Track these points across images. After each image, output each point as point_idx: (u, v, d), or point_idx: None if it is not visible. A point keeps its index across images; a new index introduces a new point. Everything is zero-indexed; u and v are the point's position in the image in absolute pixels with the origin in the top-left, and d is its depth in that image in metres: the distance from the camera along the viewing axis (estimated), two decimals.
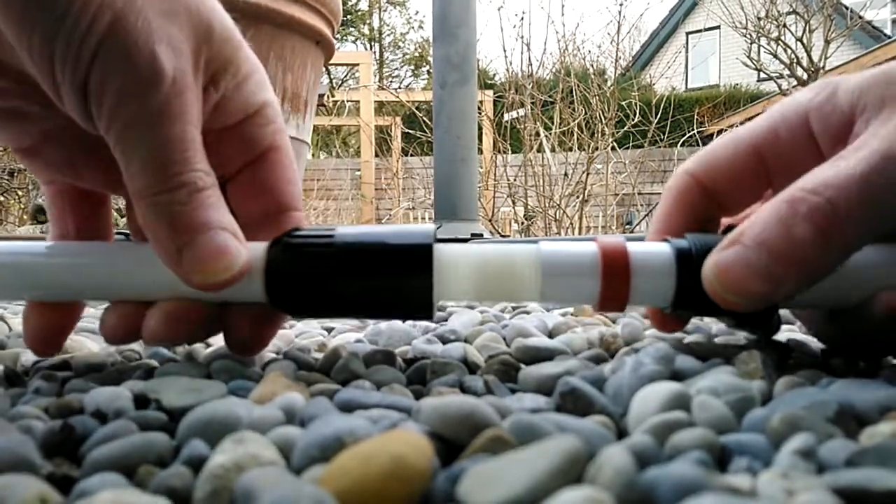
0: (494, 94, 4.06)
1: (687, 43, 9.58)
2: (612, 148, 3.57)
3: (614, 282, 0.31)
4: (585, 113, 3.52)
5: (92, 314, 0.63)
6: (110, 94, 0.27)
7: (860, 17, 5.82)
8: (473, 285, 0.32)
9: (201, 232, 0.28)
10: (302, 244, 0.31)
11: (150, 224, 0.28)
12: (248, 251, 0.29)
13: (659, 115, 3.66)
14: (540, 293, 0.32)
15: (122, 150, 0.28)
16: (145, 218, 0.28)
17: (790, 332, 0.46)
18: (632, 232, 3.88)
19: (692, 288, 0.30)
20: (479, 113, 3.15)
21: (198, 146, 0.29)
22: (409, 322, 0.53)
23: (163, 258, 0.29)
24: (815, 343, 0.39)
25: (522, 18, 3.65)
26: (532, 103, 3.47)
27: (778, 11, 5.36)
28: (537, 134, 3.39)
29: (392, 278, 0.30)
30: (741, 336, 0.40)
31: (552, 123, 3.53)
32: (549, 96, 3.63)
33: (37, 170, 0.35)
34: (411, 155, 4.93)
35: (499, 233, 3.41)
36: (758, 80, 7.79)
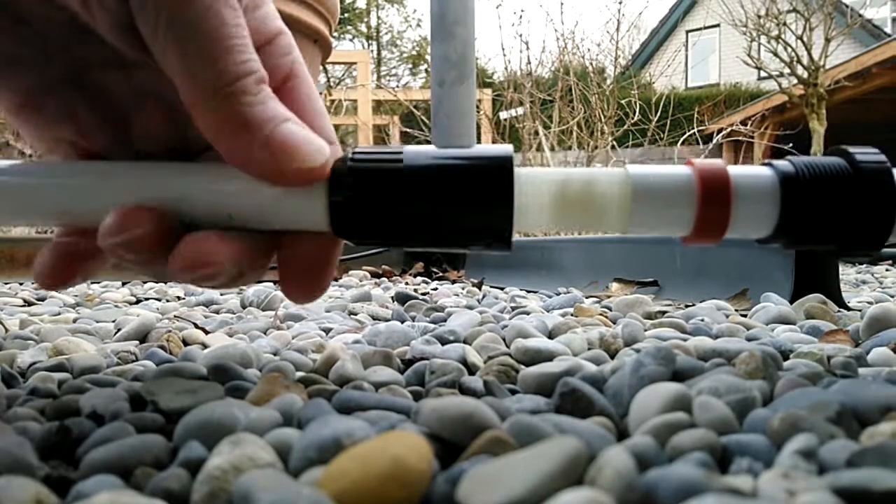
0: (493, 92, 4.05)
1: (687, 41, 9.57)
2: (612, 147, 3.57)
3: (713, 208, 0.28)
4: (585, 111, 3.51)
5: (89, 315, 0.63)
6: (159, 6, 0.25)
7: (860, 16, 5.82)
8: (550, 213, 0.29)
9: (282, 121, 0.26)
10: (369, 166, 0.27)
11: (222, 122, 0.26)
12: (316, 137, 0.27)
13: (659, 114, 3.65)
14: (629, 220, 0.29)
15: (177, 49, 0.25)
16: (217, 118, 0.26)
17: (791, 331, 0.46)
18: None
19: (797, 214, 0.28)
20: (478, 111, 3.15)
21: (248, 35, 0.26)
22: (408, 323, 0.53)
23: (243, 157, 0.26)
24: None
25: (521, 16, 3.64)
26: (531, 102, 3.47)
27: (778, 9, 5.35)
28: (536, 133, 3.39)
29: (468, 203, 0.27)
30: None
31: (551, 122, 3.53)
32: (549, 95, 3.63)
33: (36, 128, 0.31)
34: None
35: None
36: (758, 79, 7.79)
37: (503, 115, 3.64)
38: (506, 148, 0.28)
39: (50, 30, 0.28)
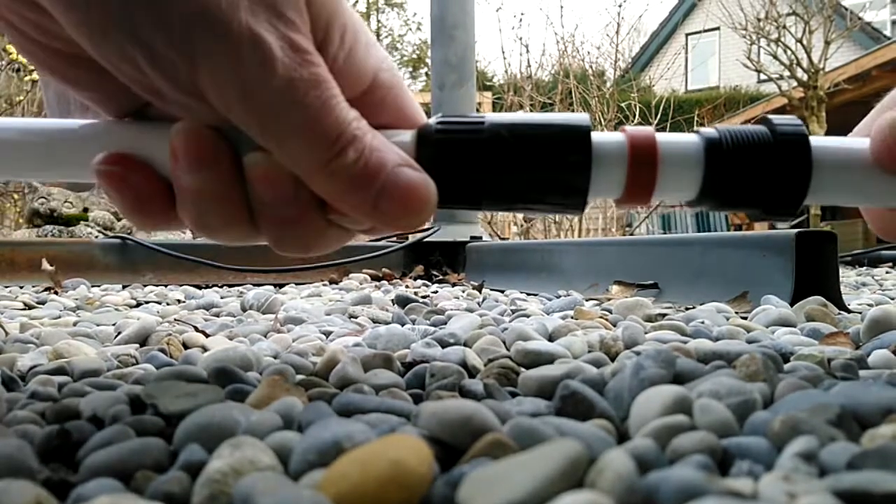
0: (493, 95, 4.06)
1: (686, 44, 9.58)
2: None
3: (642, 171, 0.29)
4: None
5: (89, 318, 0.63)
6: (230, 94, 0.25)
7: (860, 19, 5.83)
8: (618, 180, 0.30)
9: (385, 175, 0.27)
10: (451, 129, 0.29)
11: (334, 192, 0.27)
12: (426, 175, 0.28)
13: (659, 117, 3.66)
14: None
15: (270, 140, 0.26)
16: (328, 191, 0.27)
17: (791, 333, 0.46)
18: (632, 234, 3.88)
19: (721, 178, 0.29)
20: None
21: (340, 97, 0.27)
22: (408, 326, 0.53)
23: (365, 220, 0.28)
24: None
25: (521, 19, 3.65)
26: (531, 104, 3.47)
27: (777, 13, 5.37)
28: None
29: (548, 165, 0.28)
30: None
31: None
32: (548, 97, 3.63)
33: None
34: None
35: (498, 235, 3.40)
36: (758, 82, 7.80)
37: None
38: (583, 115, 0.29)
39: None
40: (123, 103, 0.30)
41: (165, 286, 1.14)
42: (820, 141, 0.30)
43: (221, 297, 0.90)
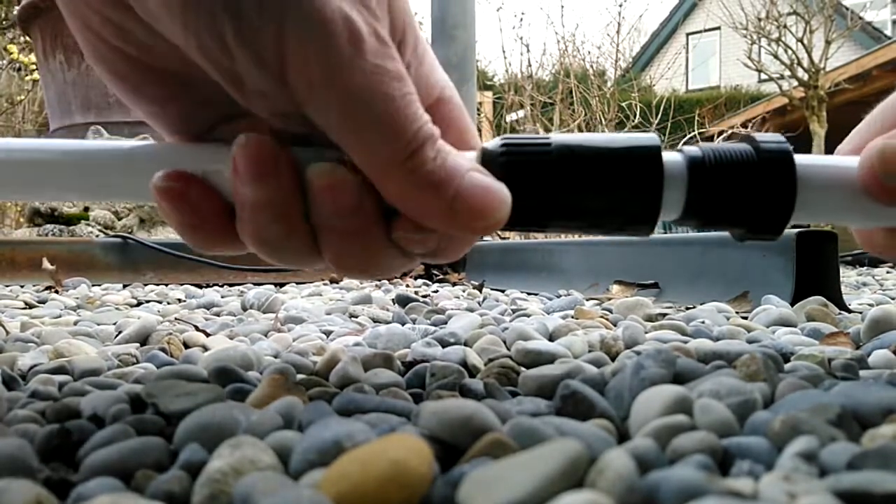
0: (494, 95, 4.06)
1: (687, 44, 9.58)
2: None
3: None
4: (585, 114, 3.52)
5: (90, 318, 0.63)
6: (316, 73, 0.24)
7: (860, 18, 5.83)
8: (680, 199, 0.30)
9: (461, 178, 0.26)
10: (518, 150, 0.28)
11: (408, 193, 0.26)
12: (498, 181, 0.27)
13: (659, 116, 3.66)
14: None
15: (348, 131, 0.25)
16: (401, 190, 0.26)
17: (791, 333, 0.46)
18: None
19: (704, 197, 0.29)
20: (479, 114, 3.15)
21: (416, 96, 0.26)
22: (409, 325, 0.53)
23: (433, 221, 0.27)
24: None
25: (522, 19, 3.65)
26: (531, 104, 3.47)
27: (778, 12, 5.36)
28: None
29: (619, 187, 0.28)
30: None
31: (552, 124, 3.53)
32: (549, 97, 3.63)
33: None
34: None
35: (498, 235, 3.40)
36: (758, 81, 7.79)
37: (509, 117, 3.65)
38: (652, 136, 0.29)
39: (208, 85, 0.28)
40: (189, 121, 0.29)
41: (166, 285, 1.14)
42: (805, 160, 0.29)
43: (222, 297, 0.90)
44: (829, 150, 0.33)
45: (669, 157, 0.29)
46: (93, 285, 1.09)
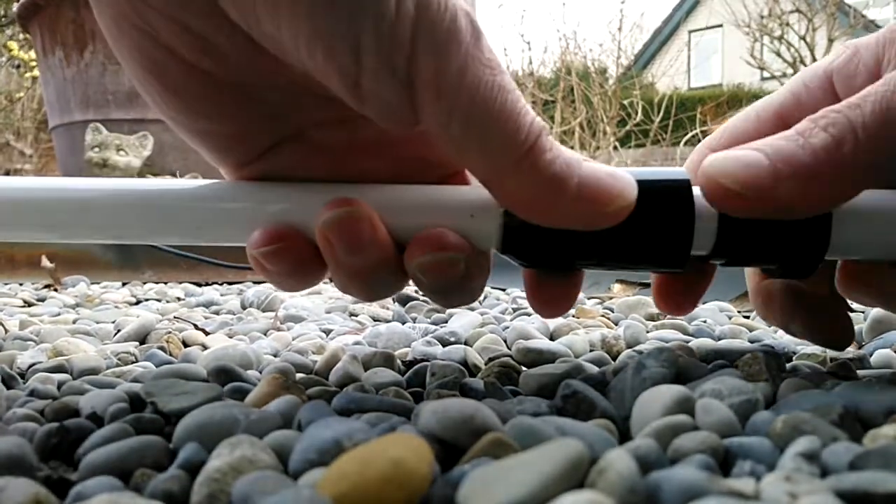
0: None
1: (689, 41, 9.56)
2: (614, 147, 3.57)
3: None
4: (587, 112, 3.52)
5: (89, 316, 0.63)
6: (446, 75, 0.23)
7: (863, 16, 5.82)
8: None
9: (579, 166, 0.25)
10: None
11: (531, 190, 0.25)
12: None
13: (661, 114, 3.65)
14: None
15: (473, 130, 0.24)
16: (524, 188, 0.25)
17: None
18: None
19: (734, 234, 0.28)
20: None
21: (519, 92, 0.26)
22: (409, 324, 0.53)
23: (559, 217, 0.26)
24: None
25: (523, 16, 3.64)
26: (533, 102, 3.47)
27: (781, 10, 5.35)
28: None
29: (648, 221, 0.27)
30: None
31: (553, 122, 3.53)
32: (550, 95, 3.63)
33: (252, 177, 0.30)
34: None
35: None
36: (761, 79, 7.78)
37: None
38: (680, 170, 0.28)
39: (279, 101, 0.27)
40: (243, 141, 0.28)
41: (165, 284, 1.14)
42: None
43: (221, 295, 0.90)
44: None
45: (698, 190, 0.28)
46: (92, 283, 1.09)
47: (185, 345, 0.45)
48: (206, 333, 0.49)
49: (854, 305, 0.66)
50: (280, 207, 0.27)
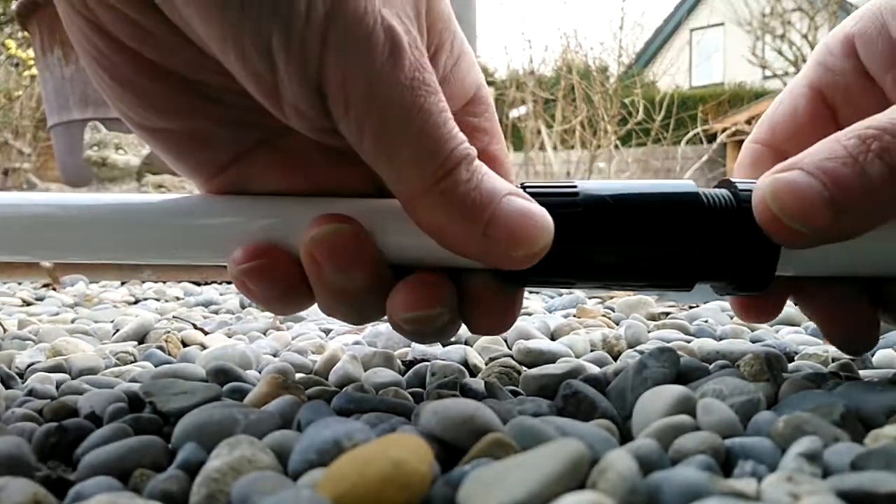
0: (495, 91, 4.05)
1: (691, 39, 9.55)
2: (615, 146, 3.57)
3: None
4: (588, 110, 3.51)
5: (87, 315, 0.62)
6: (355, 86, 0.23)
7: None
8: None
9: (497, 202, 0.24)
10: (542, 202, 0.25)
11: (440, 217, 0.24)
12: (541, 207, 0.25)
13: (662, 113, 3.65)
14: None
15: (383, 148, 0.24)
16: (433, 214, 0.24)
17: (795, 332, 0.45)
18: None
19: None
20: None
21: (450, 114, 0.24)
22: None
23: (467, 249, 0.25)
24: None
25: (523, 14, 3.64)
26: (534, 101, 3.47)
27: (783, 8, 5.35)
28: (539, 132, 3.39)
29: (655, 239, 0.26)
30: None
31: (554, 121, 3.53)
32: (551, 94, 3.63)
33: (227, 189, 0.29)
34: None
35: None
36: (763, 78, 7.77)
37: (512, 113, 3.64)
38: (688, 182, 0.27)
39: (241, 105, 0.26)
40: (212, 145, 0.27)
41: (164, 283, 1.14)
42: None
43: (220, 294, 0.90)
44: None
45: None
46: (90, 282, 1.09)
47: (184, 344, 0.45)
48: (205, 333, 0.49)
49: None
50: (264, 223, 0.26)
